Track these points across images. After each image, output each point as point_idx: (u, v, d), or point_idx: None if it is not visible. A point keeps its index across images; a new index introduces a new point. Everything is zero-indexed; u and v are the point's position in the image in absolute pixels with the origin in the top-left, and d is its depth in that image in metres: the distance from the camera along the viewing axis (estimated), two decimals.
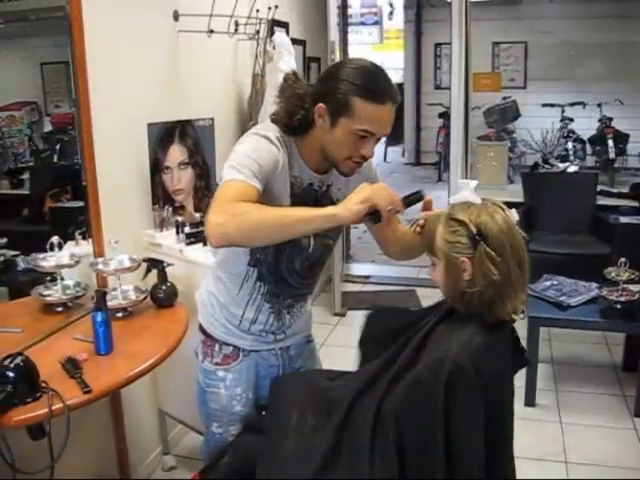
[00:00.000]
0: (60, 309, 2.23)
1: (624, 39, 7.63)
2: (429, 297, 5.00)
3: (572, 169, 5.31)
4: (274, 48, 3.33)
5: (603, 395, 3.50)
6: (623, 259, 3.30)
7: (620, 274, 3.32)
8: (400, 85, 10.00)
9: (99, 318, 1.90)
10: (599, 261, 4.25)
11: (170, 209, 2.69)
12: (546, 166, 5.45)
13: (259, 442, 1.76)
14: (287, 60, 3.31)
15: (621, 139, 8.06)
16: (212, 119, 2.90)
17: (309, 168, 1.74)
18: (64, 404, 1.63)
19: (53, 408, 1.62)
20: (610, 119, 8.10)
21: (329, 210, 1.51)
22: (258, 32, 3.20)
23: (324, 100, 1.62)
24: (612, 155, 7.97)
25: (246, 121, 3.56)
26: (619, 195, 5.03)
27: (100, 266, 2.25)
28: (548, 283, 3.69)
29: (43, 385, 1.68)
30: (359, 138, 1.63)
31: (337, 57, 4.40)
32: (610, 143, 7.92)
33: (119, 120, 2.48)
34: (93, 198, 2.29)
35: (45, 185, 2.43)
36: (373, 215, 1.50)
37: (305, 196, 1.75)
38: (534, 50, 8.42)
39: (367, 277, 5.58)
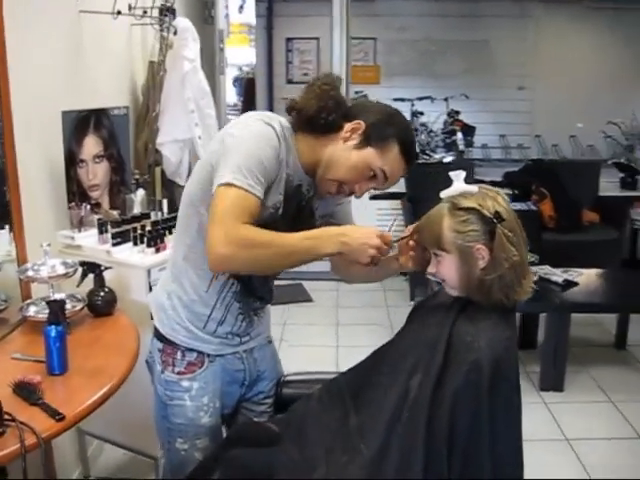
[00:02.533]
0: None
1: (472, 37, 8.09)
2: (317, 290, 5.04)
3: (447, 159, 5.54)
4: (175, 34, 3.12)
5: None
6: None
7: None
8: (251, 80, 9.90)
9: (54, 333, 1.66)
10: None
11: (88, 207, 2.42)
12: (424, 157, 5.64)
13: (254, 455, 1.63)
14: (192, 47, 3.12)
15: (469, 132, 8.56)
16: (127, 108, 2.65)
17: (302, 168, 1.64)
18: (38, 437, 1.39)
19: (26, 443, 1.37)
20: (458, 112, 8.57)
21: (334, 248, 1.49)
22: (167, 16, 2.97)
23: (364, 120, 1.59)
24: (461, 147, 8.44)
25: (142, 112, 3.30)
26: (492, 184, 5.28)
27: (30, 273, 1.96)
28: None
29: (7, 417, 1.42)
30: (367, 175, 1.60)
31: (225, 47, 4.24)
32: (459, 135, 8.39)
33: (30, 108, 2.18)
34: (15, 197, 1.99)
35: None
36: None
37: (291, 196, 1.65)
38: (388, 46, 8.67)
39: None
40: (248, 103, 9.17)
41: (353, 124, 1.59)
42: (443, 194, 1.57)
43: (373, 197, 5.12)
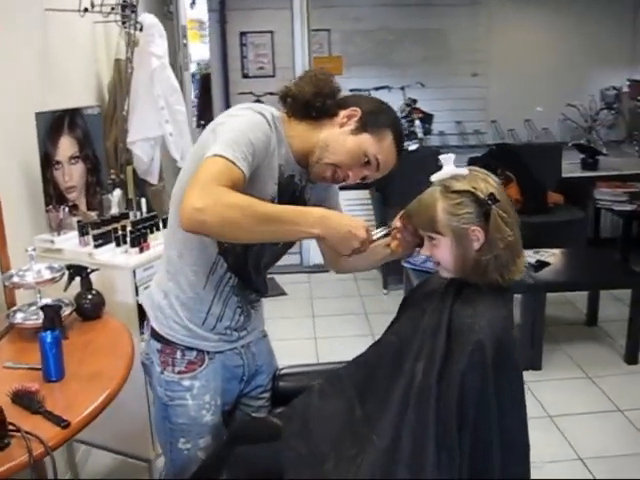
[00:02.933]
0: None
1: (425, 25, 8.15)
2: (290, 283, 5.02)
3: (412, 147, 5.57)
4: (141, 30, 3.06)
5: None
6: None
7: None
8: (207, 76, 9.79)
9: (49, 339, 1.62)
10: None
11: (66, 209, 2.37)
12: None
13: (260, 452, 1.63)
14: (160, 44, 3.06)
15: (426, 119, 8.63)
16: (100, 107, 2.60)
17: (294, 157, 1.63)
18: (45, 446, 1.36)
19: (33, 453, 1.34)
20: (415, 101, 8.63)
21: (317, 229, 1.44)
22: (133, 12, 2.91)
23: (360, 107, 1.60)
24: (420, 135, 8.52)
25: (109, 111, 3.24)
26: None
27: (16, 279, 1.91)
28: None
29: (11, 428, 1.39)
30: (362, 161, 1.59)
31: (188, 42, 4.18)
32: (418, 123, 8.45)
33: (2, 110, 2.12)
34: None
35: None
36: None
37: (285, 186, 1.64)
38: (344, 37, 8.66)
39: None
40: (204, 99, 9.04)
41: (350, 110, 1.59)
42: (434, 177, 1.58)
43: (341, 187, 5.12)
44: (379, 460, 1.44)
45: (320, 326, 4.25)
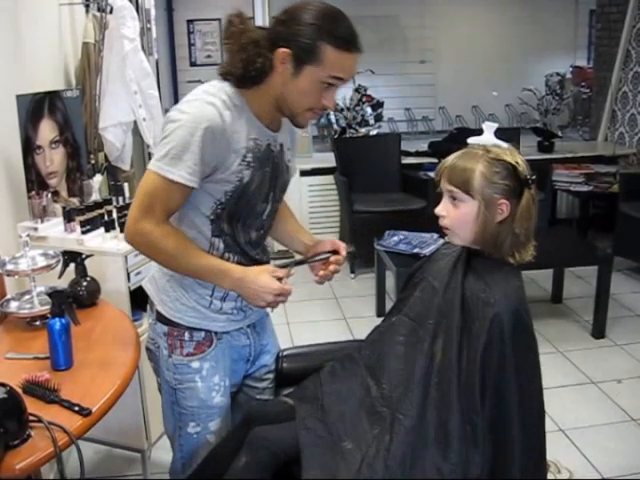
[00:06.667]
0: None
1: (377, 12, 8.17)
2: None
3: (373, 132, 5.60)
4: (111, 13, 2.97)
5: None
6: None
7: None
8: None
9: (58, 326, 1.57)
10: (417, 214, 4.57)
11: (49, 196, 2.28)
12: (351, 131, 5.66)
13: (278, 433, 1.61)
14: (131, 25, 2.97)
15: (378, 106, 8.67)
16: (79, 89, 2.51)
17: (264, 125, 1.59)
18: (70, 435, 1.33)
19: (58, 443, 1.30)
20: (365, 88, 8.65)
21: (231, 287, 1.61)
22: None
23: (287, 45, 1.47)
24: (372, 121, 8.55)
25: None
26: (417, 154, 5.39)
27: (10, 267, 1.83)
28: (396, 238, 3.86)
29: (32, 419, 1.34)
30: (324, 87, 1.51)
31: (153, 24, 4.06)
32: (369, 110, 8.48)
33: None
34: None
35: None
36: None
37: (264, 159, 1.60)
38: None
39: None
40: None
41: (280, 57, 1.48)
42: (472, 140, 1.56)
43: (304, 173, 5.11)
44: (408, 438, 1.45)
45: (292, 311, 4.23)
